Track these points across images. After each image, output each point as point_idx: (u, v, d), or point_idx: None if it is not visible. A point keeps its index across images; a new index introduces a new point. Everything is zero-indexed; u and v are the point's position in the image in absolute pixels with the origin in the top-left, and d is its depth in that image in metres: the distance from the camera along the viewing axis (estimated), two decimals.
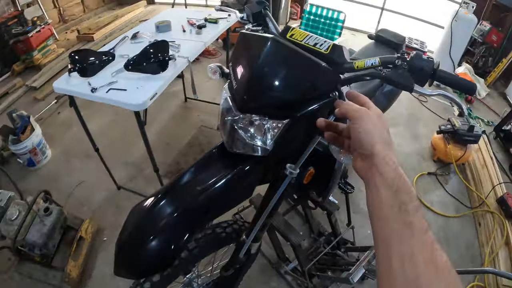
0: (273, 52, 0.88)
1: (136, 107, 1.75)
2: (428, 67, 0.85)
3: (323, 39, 0.95)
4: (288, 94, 0.89)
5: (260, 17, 1.29)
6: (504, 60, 4.95)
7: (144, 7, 6.47)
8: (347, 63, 0.94)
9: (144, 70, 1.90)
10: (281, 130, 0.91)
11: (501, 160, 3.66)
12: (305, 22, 4.17)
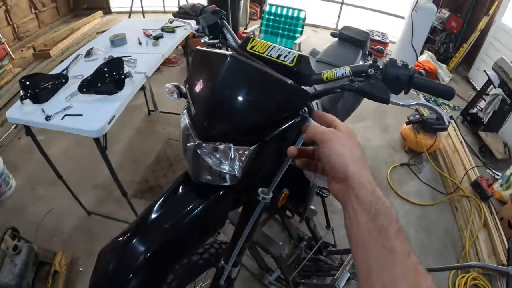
0: (233, 72, 0.79)
1: (94, 134, 1.64)
2: (403, 75, 0.81)
3: (286, 49, 0.89)
4: (253, 118, 0.81)
5: (217, 29, 1.20)
6: (465, 45, 5.08)
7: (101, 17, 6.25)
8: (315, 75, 0.89)
9: (100, 91, 1.79)
10: (249, 156, 0.84)
11: (471, 143, 3.76)
12: (265, 23, 4.10)
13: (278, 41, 4.12)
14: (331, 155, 0.56)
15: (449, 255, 2.52)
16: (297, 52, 0.88)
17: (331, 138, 0.58)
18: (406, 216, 2.76)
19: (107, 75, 1.78)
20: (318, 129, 0.61)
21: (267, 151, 0.86)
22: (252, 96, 0.79)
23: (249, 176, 0.90)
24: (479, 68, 4.97)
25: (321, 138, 0.59)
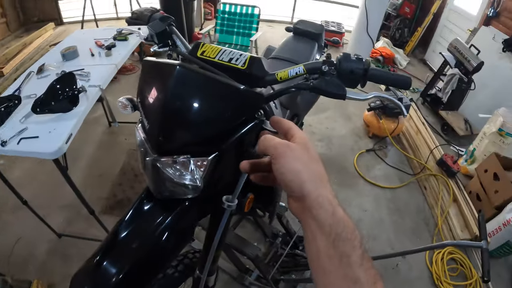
0: (182, 82, 0.76)
1: (52, 155, 1.57)
2: (358, 69, 0.81)
3: (238, 52, 0.87)
4: (207, 128, 0.78)
5: (166, 36, 1.16)
6: (419, 29, 5.24)
7: (53, 29, 6.01)
8: (268, 76, 0.88)
9: (54, 109, 1.71)
10: (208, 167, 0.82)
11: (432, 122, 3.89)
12: (220, 22, 4.07)
13: (234, 39, 4.11)
14: (284, 173, 0.50)
15: (423, 233, 2.61)
16: (248, 54, 0.86)
17: (283, 153, 0.51)
18: (376, 200, 2.82)
19: (60, 92, 1.71)
20: (269, 142, 0.53)
21: (227, 159, 0.85)
22: (204, 105, 0.76)
23: (212, 185, 0.88)
24: (434, 50, 5.16)
25: (273, 153, 0.52)
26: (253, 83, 0.87)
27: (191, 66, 0.79)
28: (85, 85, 1.87)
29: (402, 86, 0.86)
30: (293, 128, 0.57)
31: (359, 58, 0.83)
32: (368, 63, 0.83)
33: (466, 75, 3.63)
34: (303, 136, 0.55)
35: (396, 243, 2.48)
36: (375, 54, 5.11)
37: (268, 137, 0.55)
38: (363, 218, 2.64)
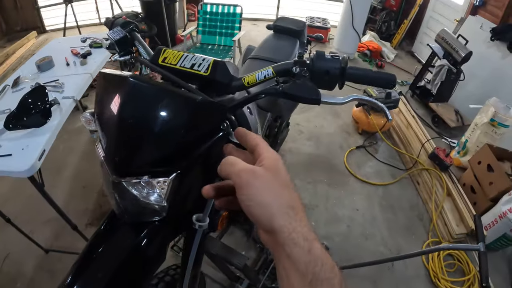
0: (134, 97, 0.69)
1: (25, 174, 1.51)
2: (334, 68, 0.74)
3: (201, 57, 0.81)
4: (164, 146, 0.71)
5: (128, 43, 1.08)
6: (406, 21, 5.21)
7: (35, 38, 5.91)
8: (235, 81, 0.82)
9: (27, 125, 1.65)
10: (170, 187, 0.74)
11: (423, 115, 3.85)
12: (201, 23, 4.00)
13: (217, 39, 4.05)
14: (251, 205, 0.43)
15: (417, 229, 2.56)
16: (212, 59, 0.80)
17: (248, 183, 0.43)
18: (368, 198, 2.77)
19: (31, 106, 1.64)
20: (231, 167, 0.46)
21: (193, 176, 0.79)
22: (159, 121, 0.69)
23: (179, 205, 0.82)
24: (422, 41, 5.12)
25: (237, 181, 0.44)
26: (219, 90, 0.81)
27: (143, 77, 0.72)
28: (59, 97, 1.81)
29: (385, 85, 0.80)
30: (261, 146, 0.50)
31: (335, 57, 0.76)
32: (346, 61, 0.77)
33: (455, 66, 3.59)
34: (272, 156, 0.48)
35: (390, 241, 2.43)
36: (362, 48, 5.06)
37: (230, 161, 0.47)
38: (355, 217, 2.59)
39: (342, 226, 2.51)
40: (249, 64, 1.89)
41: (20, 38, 5.71)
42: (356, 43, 4.90)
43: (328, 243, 2.34)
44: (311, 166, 3.05)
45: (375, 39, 5.23)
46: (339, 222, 2.54)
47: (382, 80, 0.79)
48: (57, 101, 1.75)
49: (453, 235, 2.38)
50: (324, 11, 6.03)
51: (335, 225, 2.51)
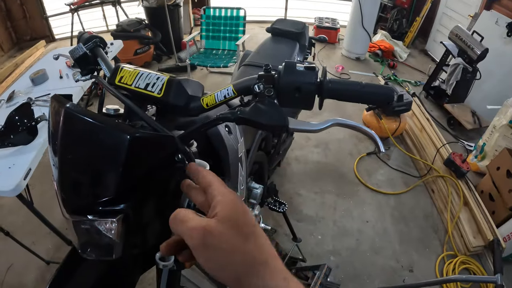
0: (70, 130, 0.61)
1: (11, 193, 1.47)
2: (307, 83, 0.62)
3: (156, 75, 0.72)
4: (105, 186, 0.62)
5: (90, 62, 0.99)
6: (418, 19, 5.04)
7: (44, 47, 5.97)
8: (193, 103, 0.72)
9: (15, 142, 1.61)
10: (119, 227, 0.64)
11: (438, 117, 3.70)
12: (205, 28, 3.96)
13: (221, 44, 3.99)
14: (211, 268, 0.38)
15: (432, 241, 2.42)
16: (166, 77, 0.71)
17: (203, 244, 0.38)
18: (379, 209, 2.64)
19: (18, 123, 1.60)
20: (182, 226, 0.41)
21: (150, 210, 0.69)
22: (95, 159, 0.60)
23: (138, 242, 0.72)
24: (435, 39, 4.95)
25: (190, 243, 0.40)
26: (177, 113, 0.71)
27: (78, 107, 0.61)
28: (46, 114, 1.74)
29: (379, 101, 0.67)
30: (213, 186, 0.45)
31: (309, 67, 0.64)
32: (324, 73, 0.64)
33: (470, 64, 3.42)
34: (226, 200, 0.42)
35: (402, 255, 2.29)
36: (373, 48, 4.91)
37: (179, 217, 0.42)
38: (364, 230, 2.45)
39: (351, 240, 2.38)
40: (243, 71, 1.79)
41: (30, 47, 5.78)
42: (367, 43, 4.75)
43: (335, 258, 2.22)
44: (318, 175, 2.93)
45: (386, 38, 5.07)
46: (347, 236, 2.41)
47: (375, 96, 0.65)
48: (45, 117, 1.69)
49: (469, 248, 2.23)
50: (333, 11, 5.90)
51: (343, 239, 2.38)
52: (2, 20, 5.83)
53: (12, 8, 5.95)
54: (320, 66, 0.65)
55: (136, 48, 4.26)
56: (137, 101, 0.72)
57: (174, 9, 4.71)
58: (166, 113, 0.76)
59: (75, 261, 0.84)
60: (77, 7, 4.73)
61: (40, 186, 2.91)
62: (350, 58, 4.90)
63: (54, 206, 1.95)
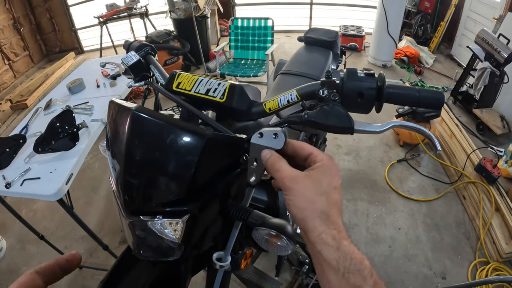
0: (138, 132, 0.62)
1: (53, 197, 1.52)
2: (369, 89, 0.64)
3: (216, 81, 0.73)
4: (174, 187, 0.63)
5: (142, 68, 1.02)
6: (442, 23, 4.98)
7: (74, 58, 6.17)
8: (255, 107, 0.74)
9: (55, 148, 1.66)
10: (184, 228, 0.66)
11: (467, 123, 3.63)
12: (233, 38, 4.00)
13: (250, 54, 4.02)
14: (290, 205, 0.50)
15: (464, 248, 2.36)
16: (228, 83, 0.73)
17: (292, 189, 0.50)
18: (411, 216, 2.60)
19: (59, 130, 1.67)
20: (277, 174, 0.52)
21: (210, 213, 0.71)
22: (166, 161, 0.61)
23: (197, 244, 0.74)
24: (461, 43, 4.87)
25: (281, 186, 0.52)
26: (237, 117, 0.73)
27: (148, 110, 0.64)
28: (87, 120, 1.82)
29: (432, 105, 0.67)
30: (315, 153, 0.54)
31: (369, 74, 0.66)
32: (383, 79, 0.65)
33: (498, 68, 3.35)
34: (322, 164, 0.52)
35: (434, 263, 2.25)
36: (399, 54, 4.87)
37: (276, 167, 0.53)
38: (397, 238, 2.42)
39: (384, 247, 2.35)
40: (280, 79, 1.81)
41: (59, 59, 5.99)
42: (393, 49, 4.72)
43: None
44: (350, 182, 2.92)
45: (412, 44, 5.02)
46: (380, 243, 2.39)
47: (428, 100, 0.66)
48: (85, 124, 1.76)
49: (502, 255, 2.18)
50: (358, 19, 5.87)
51: (376, 246, 2.36)
52: (32, 33, 6.07)
53: (42, 22, 6.19)
54: (378, 72, 0.67)
55: (165, 59, 4.36)
56: (193, 106, 0.74)
57: (202, 20, 4.81)
58: (226, 117, 0.79)
59: (129, 262, 0.86)
60: (106, 19, 4.88)
61: (72, 192, 2.99)
62: (376, 65, 4.87)
63: (88, 212, 2.04)
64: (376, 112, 0.70)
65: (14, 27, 5.62)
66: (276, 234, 0.57)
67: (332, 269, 0.45)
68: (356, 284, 0.43)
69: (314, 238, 0.47)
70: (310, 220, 0.48)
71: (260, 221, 0.62)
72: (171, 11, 4.84)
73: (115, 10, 4.92)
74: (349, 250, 0.45)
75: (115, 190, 0.74)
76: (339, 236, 0.46)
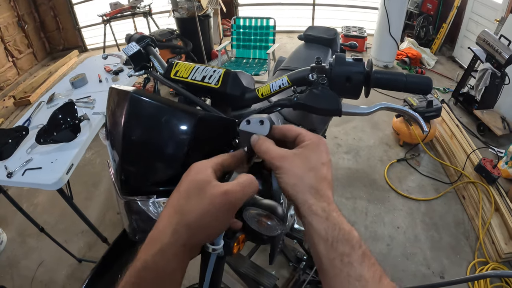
0: (136, 113, 0.65)
1: (53, 186, 1.55)
2: (357, 73, 0.66)
3: (212, 68, 0.76)
4: (169, 165, 0.66)
5: (142, 58, 1.05)
6: (444, 25, 4.99)
7: (77, 56, 6.22)
8: (248, 93, 0.76)
9: (57, 139, 1.70)
10: None
11: (467, 123, 3.63)
12: (235, 37, 4.04)
13: (252, 53, 4.05)
14: (281, 184, 0.52)
15: (463, 248, 2.37)
16: (223, 70, 0.75)
17: (279, 166, 0.52)
18: (410, 215, 2.60)
19: (61, 121, 1.70)
20: (266, 155, 0.54)
21: None
22: (161, 139, 0.64)
23: None
24: (462, 45, 4.87)
25: (274, 164, 0.53)
26: (232, 103, 0.75)
27: (145, 92, 0.66)
28: (89, 113, 1.85)
29: (420, 90, 0.69)
30: (303, 133, 0.56)
31: (357, 59, 0.68)
32: (370, 64, 0.68)
33: (499, 69, 3.35)
34: (310, 142, 0.54)
35: (433, 262, 2.26)
36: (400, 56, 4.88)
37: (264, 148, 0.55)
38: (395, 236, 2.43)
39: (382, 245, 2.36)
40: (279, 75, 1.83)
41: (63, 57, 6.04)
42: (394, 51, 4.73)
43: None
44: (349, 181, 2.93)
45: (413, 46, 5.03)
46: (378, 241, 2.40)
47: (416, 85, 0.69)
48: (87, 116, 1.79)
49: (501, 255, 2.18)
50: (360, 20, 5.90)
51: (374, 244, 2.37)
52: (36, 31, 6.12)
53: (46, 20, 6.24)
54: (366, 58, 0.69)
55: (168, 57, 4.35)
56: (191, 93, 0.76)
57: (205, 19, 4.85)
58: (221, 104, 0.81)
59: (125, 244, 0.89)
60: (110, 18, 4.91)
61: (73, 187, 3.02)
62: (378, 66, 4.86)
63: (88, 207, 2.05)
64: (365, 97, 0.72)
65: (18, 25, 5.67)
66: (267, 214, 0.59)
67: (321, 238, 0.46)
68: (344, 253, 0.45)
69: (305, 210, 0.49)
70: (301, 195, 0.50)
71: (251, 202, 0.63)
72: (174, 10, 4.88)
73: (118, 9, 4.96)
74: (338, 221, 0.47)
75: (113, 173, 0.76)
76: (329, 208, 0.49)
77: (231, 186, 0.50)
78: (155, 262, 0.47)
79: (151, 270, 0.47)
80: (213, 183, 0.50)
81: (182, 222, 0.48)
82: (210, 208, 0.48)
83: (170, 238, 0.48)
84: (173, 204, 0.51)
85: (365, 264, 0.44)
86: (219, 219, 0.49)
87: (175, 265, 0.49)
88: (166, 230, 0.49)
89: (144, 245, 0.50)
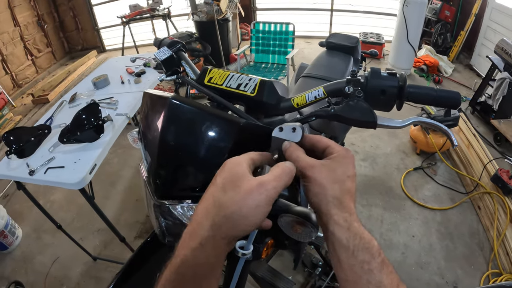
0: (175, 119, 0.66)
1: (76, 186, 1.57)
2: (391, 87, 0.67)
3: (247, 77, 0.77)
4: (207, 171, 0.66)
5: (174, 63, 1.07)
6: (462, 33, 4.94)
7: (96, 56, 6.30)
8: (284, 102, 0.77)
9: (80, 139, 1.72)
10: None
11: (484, 133, 3.58)
12: (254, 42, 4.04)
13: (270, 58, 4.05)
14: (307, 192, 0.55)
15: (477, 259, 2.34)
16: (259, 78, 0.76)
17: (307, 175, 0.54)
18: (425, 224, 2.58)
19: (85, 122, 1.72)
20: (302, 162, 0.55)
21: None
22: (200, 145, 0.65)
23: None
24: (480, 53, 4.81)
25: (303, 173, 0.55)
26: (267, 112, 0.76)
27: (184, 98, 0.68)
28: (112, 114, 1.88)
29: (449, 104, 0.71)
30: (332, 145, 0.58)
31: (392, 73, 0.69)
32: (404, 79, 0.69)
33: None
34: (338, 155, 0.56)
35: (446, 272, 2.24)
36: (418, 63, 4.84)
37: (294, 157, 0.56)
38: (410, 245, 2.41)
39: (397, 253, 2.35)
40: (302, 82, 1.84)
41: (81, 56, 6.13)
42: (412, 58, 4.69)
43: None
44: (365, 188, 2.92)
45: (431, 53, 4.98)
46: (393, 249, 2.38)
47: (446, 100, 0.70)
48: (110, 117, 1.81)
49: None
50: (378, 26, 5.87)
51: (389, 252, 2.36)
52: (55, 31, 6.23)
53: (65, 20, 6.35)
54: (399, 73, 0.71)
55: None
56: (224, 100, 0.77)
57: (224, 23, 4.87)
58: (254, 111, 0.82)
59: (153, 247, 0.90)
60: (129, 20, 4.97)
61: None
62: None
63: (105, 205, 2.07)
64: (397, 110, 0.73)
65: (38, 24, 5.78)
66: (301, 220, 0.60)
67: (342, 247, 0.49)
68: (364, 260, 0.47)
69: (327, 220, 0.51)
70: (324, 205, 0.52)
71: (285, 209, 0.65)
72: (193, 13, 4.92)
73: (138, 11, 5.02)
74: (359, 230, 0.49)
75: (146, 176, 0.78)
76: (350, 219, 0.50)
77: (266, 177, 0.51)
78: (194, 257, 0.48)
79: (191, 265, 0.48)
80: (248, 176, 0.52)
81: (221, 214, 0.49)
82: (247, 199, 0.49)
83: (209, 231, 0.49)
84: (210, 198, 0.52)
85: (384, 271, 0.47)
86: (257, 210, 0.49)
87: (214, 259, 0.50)
88: (204, 223, 0.50)
89: (181, 241, 0.51)
